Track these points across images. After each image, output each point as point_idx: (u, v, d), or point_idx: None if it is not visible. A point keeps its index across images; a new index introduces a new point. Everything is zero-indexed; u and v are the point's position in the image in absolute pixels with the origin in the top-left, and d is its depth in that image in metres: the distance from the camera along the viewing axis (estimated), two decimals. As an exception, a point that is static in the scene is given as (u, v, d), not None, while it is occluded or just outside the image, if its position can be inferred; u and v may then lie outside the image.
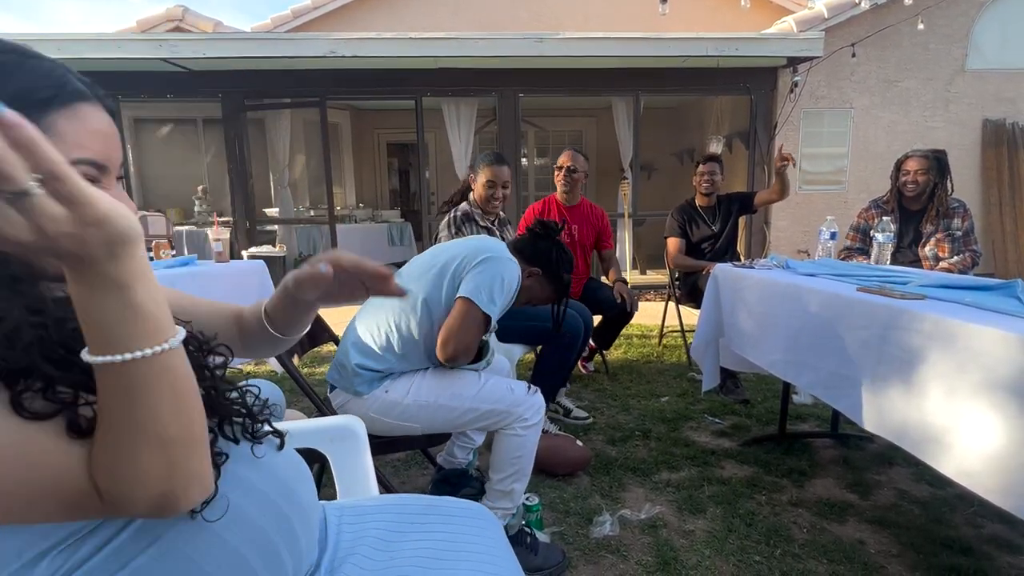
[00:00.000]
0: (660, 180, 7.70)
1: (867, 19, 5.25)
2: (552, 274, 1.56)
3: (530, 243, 1.58)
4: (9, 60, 0.47)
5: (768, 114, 5.51)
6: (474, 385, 1.41)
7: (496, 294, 1.37)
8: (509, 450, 1.41)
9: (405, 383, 1.40)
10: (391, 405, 1.37)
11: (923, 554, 1.50)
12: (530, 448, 1.42)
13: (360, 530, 0.72)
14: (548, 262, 1.55)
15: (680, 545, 1.55)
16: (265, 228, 6.07)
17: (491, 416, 1.40)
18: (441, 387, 1.40)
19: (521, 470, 1.42)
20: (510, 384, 1.45)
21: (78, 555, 0.47)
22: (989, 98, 5.55)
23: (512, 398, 1.40)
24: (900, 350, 1.24)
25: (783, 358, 1.72)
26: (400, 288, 0.66)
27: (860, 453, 2.08)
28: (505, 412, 1.39)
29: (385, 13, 7.01)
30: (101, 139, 0.50)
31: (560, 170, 2.74)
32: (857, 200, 4.69)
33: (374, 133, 8.37)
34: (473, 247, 1.44)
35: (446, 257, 1.44)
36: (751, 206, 3.08)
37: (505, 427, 1.40)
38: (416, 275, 1.45)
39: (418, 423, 1.40)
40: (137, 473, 0.42)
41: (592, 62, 5.09)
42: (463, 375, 1.44)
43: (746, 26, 5.99)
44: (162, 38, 4.88)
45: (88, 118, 0.49)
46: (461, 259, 1.41)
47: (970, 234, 2.52)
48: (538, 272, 1.56)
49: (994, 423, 1.03)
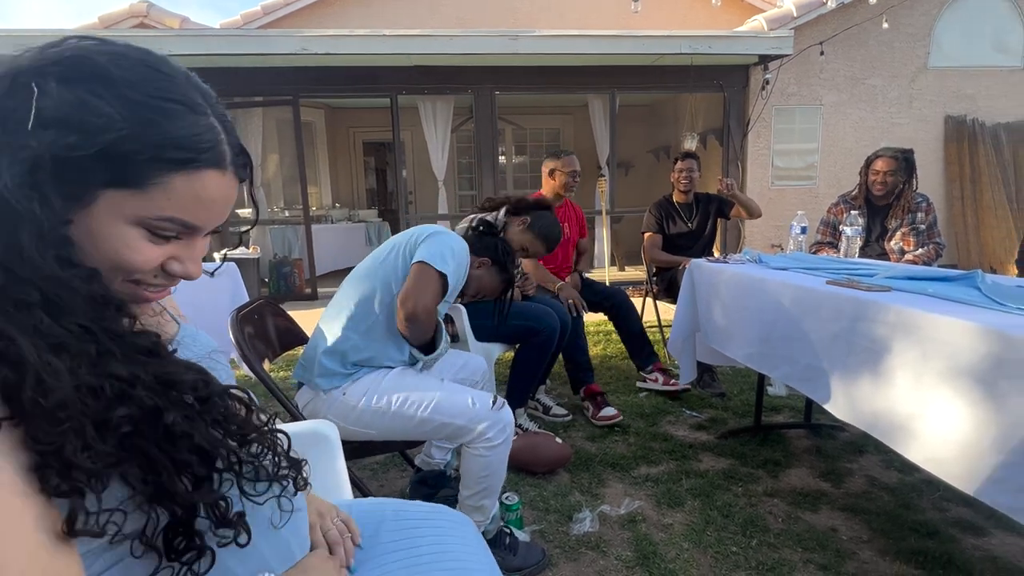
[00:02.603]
0: (637, 177, 7.77)
1: (834, 18, 5.37)
2: (500, 265, 1.63)
3: (476, 239, 1.63)
4: (175, 110, 0.45)
5: (741, 111, 5.60)
6: (431, 394, 1.34)
7: (448, 258, 1.37)
8: (475, 470, 1.34)
9: (362, 387, 1.36)
10: (348, 409, 1.34)
11: (892, 539, 1.54)
12: (496, 466, 1.35)
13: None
14: (496, 253, 1.62)
15: (659, 539, 1.56)
16: (239, 229, 5.93)
17: (447, 429, 1.33)
18: (397, 394, 1.34)
19: (489, 487, 1.37)
20: (472, 397, 1.35)
21: None
22: (950, 95, 5.74)
23: (472, 413, 1.32)
24: (868, 341, 1.27)
25: (758, 351, 1.75)
26: None
27: (832, 442, 2.13)
28: (464, 428, 1.32)
29: (360, 10, 6.91)
30: (207, 207, 0.49)
31: (573, 175, 2.71)
32: (828, 195, 4.81)
33: (349, 132, 8.26)
34: (421, 228, 1.48)
35: (395, 241, 1.48)
36: (727, 214, 3.12)
37: (468, 443, 1.34)
38: (373, 267, 1.45)
39: (374, 430, 1.35)
40: None
41: (567, 59, 5.11)
42: (422, 382, 1.39)
43: (719, 25, 6.08)
44: (125, 34, 4.72)
45: (209, 186, 0.48)
46: (410, 237, 1.45)
47: (934, 227, 2.60)
48: (487, 262, 1.61)
49: (957, 410, 1.06)
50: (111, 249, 0.46)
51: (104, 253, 0.46)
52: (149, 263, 0.48)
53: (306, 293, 5.50)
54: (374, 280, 1.41)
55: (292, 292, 5.49)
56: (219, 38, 4.81)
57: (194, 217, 0.48)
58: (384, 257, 1.45)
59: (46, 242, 0.41)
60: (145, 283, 0.50)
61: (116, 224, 0.45)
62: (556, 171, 2.75)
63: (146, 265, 0.48)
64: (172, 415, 0.44)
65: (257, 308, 1.53)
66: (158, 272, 0.50)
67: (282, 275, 5.56)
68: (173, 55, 2.95)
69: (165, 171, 0.45)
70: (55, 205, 0.42)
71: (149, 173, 0.45)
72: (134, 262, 0.47)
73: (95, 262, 0.45)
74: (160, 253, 0.49)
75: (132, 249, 0.47)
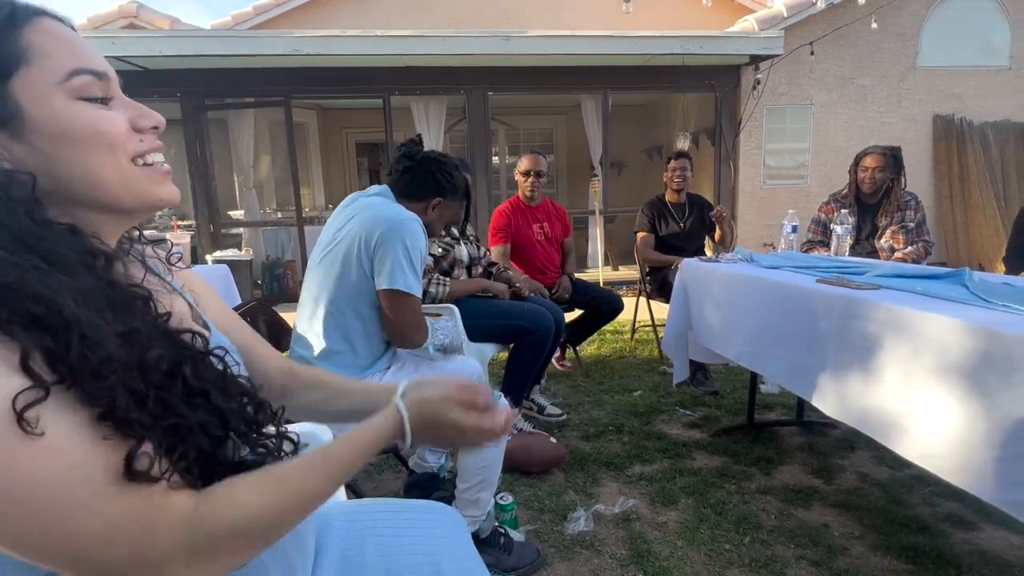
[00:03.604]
0: (630, 177, 7.79)
1: (824, 18, 5.41)
2: (450, 189, 1.51)
3: (411, 181, 1.47)
4: None
5: (733, 111, 5.63)
6: None
7: (406, 266, 1.30)
8: (472, 462, 1.37)
9: None
10: None
11: (884, 534, 1.56)
12: (494, 459, 1.38)
13: (325, 535, 0.70)
14: (439, 184, 1.48)
15: (653, 537, 1.57)
16: (230, 231, 5.90)
17: None
18: None
19: (486, 480, 1.39)
20: None
21: None
22: (939, 94, 5.80)
23: None
24: (859, 338, 1.28)
25: (750, 349, 1.76)
26: None
27: (824, 439, 2.15)
28: None
29: (352, 11, 6.88)
30: (77, 46, 0.50)
31: (527, 175, 2.79)
32: (819, 194, 4.84)
33: (342, 132, 8.22)
34: (365, 227, 1.33)
35: (344, 247, 1.36)
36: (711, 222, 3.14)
37: None
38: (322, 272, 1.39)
39: None
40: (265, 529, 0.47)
41: (560, 60, 5.11)
42: None
43: (710, 25, 6.11)
44: (115, 35, 4.68)
45: (53, 29, 0.49)
46: (360, 238, 1.33)
47: (922, 225, 2.63)
48: (438, 201, 1.50)
49: (947, 406, 1.07)
50: (86, 132, 0.48)
51: (86, 146, 0.48)
52: (120, 124, 0.51)
53: (299, 295, 5.47)
54: (337, 291, 1.35)
55: (285, 294, 5.46)
56: (210, 39, 4.78)
57: (85, 61, 0.49)
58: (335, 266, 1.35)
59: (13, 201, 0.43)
60: (143, 154, 0.52)
61: (58, 102, 0.47)
62: (516, 174, 2.84)
63: (120, 126, 0.51)
64: (188, 367, 0.47)
65: (249, 310, 1.52)
66: (137, 137, 0.52)
67: (275, 277, 5.53)
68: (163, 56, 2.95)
69: (13, 35, 0.46)
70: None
71: (8, 46, 0.46)
72: (111, 129, 0.50)
73: (95, 174, 0.48)
74: (118, 115, 0.51)
75: (98, 119, 0.49)
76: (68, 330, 0.40)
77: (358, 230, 1.34)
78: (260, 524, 0.47)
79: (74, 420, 0.40)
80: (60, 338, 0.40)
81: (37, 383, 0.38)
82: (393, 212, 1.36)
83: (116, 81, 0.53)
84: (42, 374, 0.39)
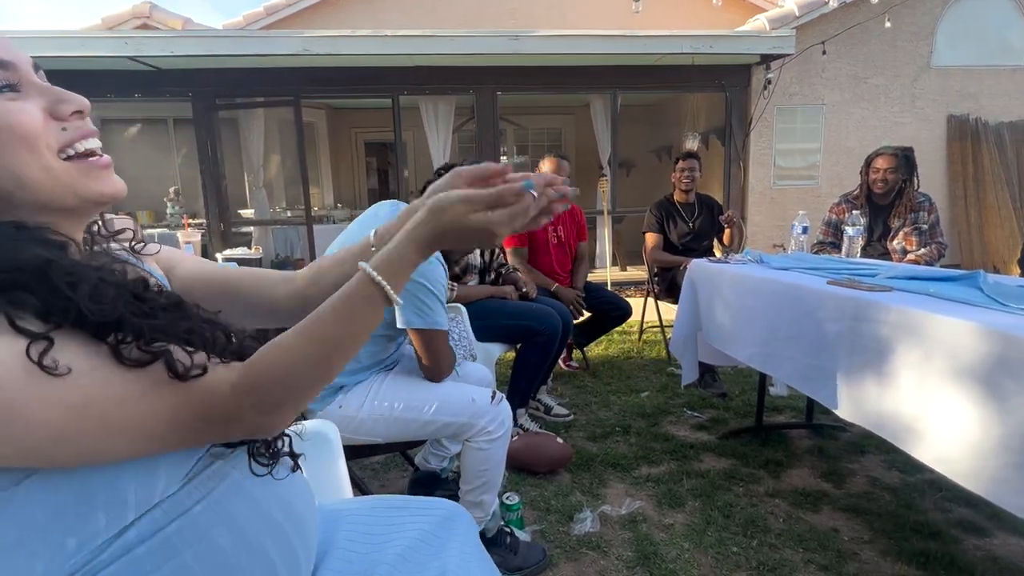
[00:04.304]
0: (639, 177, 7.76)
1: (836, 17, 5.36)
2: None
3: None
4: None
5: (743, 111, 5.59)
6: (432, 396, 1.36)
7: (429, 301, 1.32)
8: (475, 463, 1.37)
9: (359, 396, 1.35)
10: (347, 420, 1.33)
11: (894, 539, 1.54)
12: (496, 461, 1.38)
13: (332, 533, 0.71)
14: None
15: (660, 539, 1.56)
16: (240, 230, 5.94)
17: (450, 428, 1.36)
18: (396, 399, 1.35)
19: (489, 482, 1.39)
20: (472, 393, 1.38)
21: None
22: (953, 94, 5.72)
23: (473, 409, 1.35)
24: (871, 341, 1.27)
25: (760, 351, 1.75)
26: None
27: (834, 442, 2.13)
28: (466, 424, 1.34)
29: (361, 11, 6.91)
30: None
31: None
32: (830, 194, 4.80)
33: (351, 132, 8.26)
34: None
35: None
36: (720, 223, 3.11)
37: (469, 438, 1.36)
38: None
39: (378, 436, 1.37)
40: (298, 383, 0.50)
41: (569, 59, 5.10)
42: (420, 385, 1.40)
43: (720, 25, 6.07)
44: (128, 35, 4.74)
45: None
46: None
47: (936, 227, 2.59)
48: None
49: (963, 409, 1.05)
50: (1, 127, 0.46)
51: (4, 144, 0.46)
52: (33, 114, 0.47)
53: (308, 293, 5.50)
54: None
55: (294, 292, 5.49)
56: (222, 39, 4.82)
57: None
58: None
59: None
60: (70, 143, 0.50)
61: None
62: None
63: (34, 116, 0.47)
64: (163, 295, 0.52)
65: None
66: (58, 126, 0.50)
67: (284, 275, 5.57)
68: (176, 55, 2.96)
69: None
70: None
71: None
72: (23, 121, 0.47)
73: (18, 175, 0.46)
74: (29, 104, 0.48)
75: (5, 112, 0.46)
76: (46, 277, 0.42)
77: None
78: (296, 369, 0.51)
79: (94, 351, 0.44)
80: (41, 287, 0.42)
81: (36, 336, 0.40)
82: None
83: (26, 65, 0.49)
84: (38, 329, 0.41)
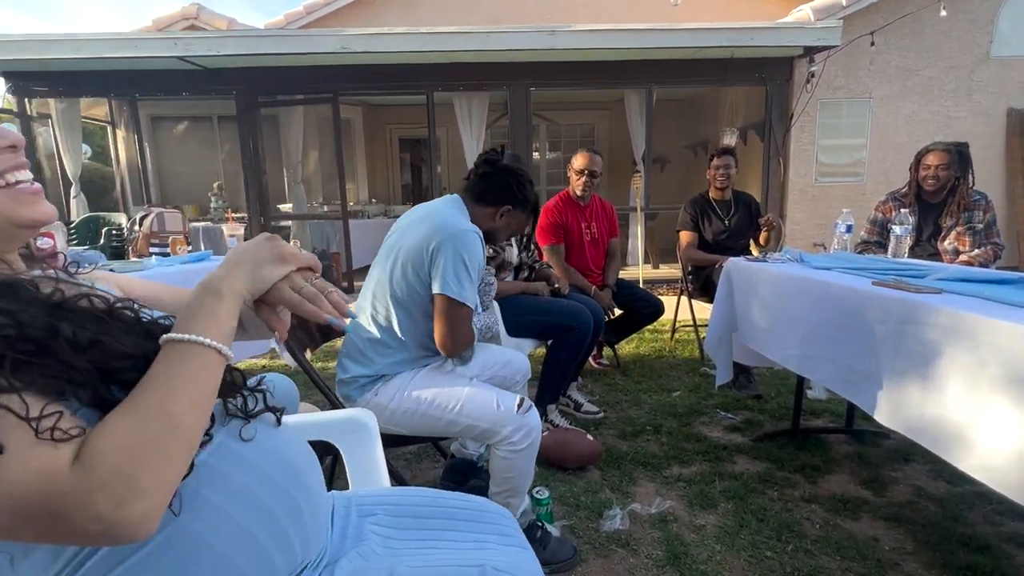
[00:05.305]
0: (673, 173, 7.62)
1: (887, 6, 5.12)
2: (521, 201, 1.53)
3: (487, 186, 1.51)
4: None
5: (784, 105, 5.41)
6: (458, 396, 1.36)
7: (463, 276, 1.33)
8: (501, 470, 1.38)
9: (393, 388, 1.38)
10: (380, 409, 1.36)
11: (939, 551, 1.48)
12: (522, 471, 1.39)
13: (368, 520, 0.73)
14: (512, 193, 1.50)
15: (690, 540, 1.55)
16: (279, 224, 6.13)
17: (474, 431, 1.37)
18: (425, 395, 1.37)
19: (514, 489, 1.40)
20: (499, 399, 1.36)
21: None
22: (1015, 86, 5.39)
23: (496, 416, 1.34)
24: (917, 344, 1.22)
25: (798, 353, 1.70)
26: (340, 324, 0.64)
27: (876, 449, 2.06)
28: (489, 430, 1.35)
29: (397, 9, 7.01)
30: None
31: (581, 174, 2.69)
32: (875, 192, 4.60)
33: (386, 128, 8.40)
34: (425, 233, 1.37)
35: (405, 253, 1.40)
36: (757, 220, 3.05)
37: (495, 444, 1.37)
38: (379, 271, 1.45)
39: (404, 428, 1.40)
40: (138, 446, 0.44)
41: (604, 54, 5.05)
42: (451, 381, 1.41)
43: (762, 15, 5.89)
44: (177, 36, 4.94)
45: None
46: (421, 246, 1.36)
47: (992, 226, 2.46)
48: (509, 208, 1.52)
49: (1017, 419, 1.00)
50: None
51: None
52: None
53: (343, 286, 5.64)
54: (392, 297, 1.39)
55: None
56: (264, 38, 4.97)
57: None
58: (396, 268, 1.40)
59: None
60: (2, 175, 0.53)
61: None
62: (569, 169, 2.80)
63: None
64: (67, 325, 0.49)
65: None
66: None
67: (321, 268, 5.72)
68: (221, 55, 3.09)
69: None
70: None
71: None
72: None
73: None
74: None
75: None
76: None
77: (420, 235, 1.38)
78: (133, 444, 0.45)
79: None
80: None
81: None
82: (454, 221, 1.39)
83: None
84: None
